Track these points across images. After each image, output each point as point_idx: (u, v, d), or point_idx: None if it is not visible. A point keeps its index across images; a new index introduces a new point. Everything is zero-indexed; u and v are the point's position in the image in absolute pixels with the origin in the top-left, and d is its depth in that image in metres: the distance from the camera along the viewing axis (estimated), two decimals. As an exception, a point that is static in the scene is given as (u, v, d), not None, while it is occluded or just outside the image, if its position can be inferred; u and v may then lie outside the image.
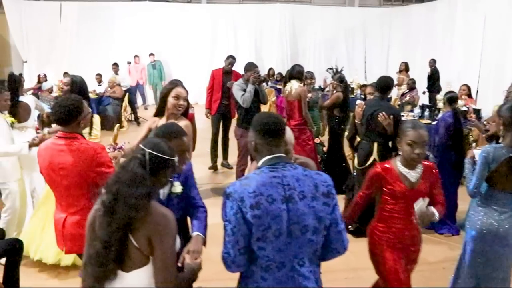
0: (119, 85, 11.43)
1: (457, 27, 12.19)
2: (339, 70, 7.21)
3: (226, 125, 7.74)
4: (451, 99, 5.44)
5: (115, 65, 12.49)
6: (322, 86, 7.21)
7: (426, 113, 8.39)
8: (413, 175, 2.92)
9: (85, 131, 3.81)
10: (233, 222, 1.95)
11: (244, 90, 5.95)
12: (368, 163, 4.82)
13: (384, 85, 4.98)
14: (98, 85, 11.66)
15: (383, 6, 17.13)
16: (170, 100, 3.52)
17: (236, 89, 6.03)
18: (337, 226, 2.06)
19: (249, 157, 6.12)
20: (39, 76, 11.43)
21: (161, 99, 3.61)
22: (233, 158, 7.91)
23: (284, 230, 1.96)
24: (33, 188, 5.23)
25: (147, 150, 2.02)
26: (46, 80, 11.09)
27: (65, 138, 2.89)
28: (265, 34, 15.70)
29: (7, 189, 4.53)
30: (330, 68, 7.01)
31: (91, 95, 11.12)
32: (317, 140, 6.64)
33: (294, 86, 6.10)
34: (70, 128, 2.89)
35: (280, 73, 14.22)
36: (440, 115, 8.06)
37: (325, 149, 6.91)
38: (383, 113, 4.64)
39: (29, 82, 12.21)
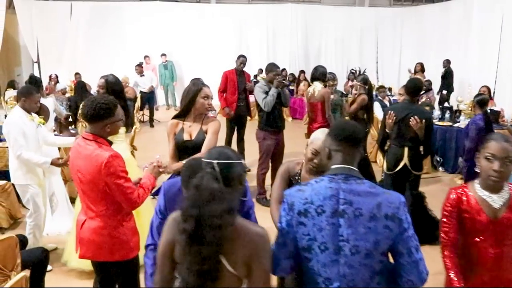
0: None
1: (473, 27, 12.00)
2: (361, 71, 7.04)
3: (242, 126, 7.61)
4: (482, 101, 5.29)
5: (139, 65, 12.16)
6: (344, 92, 7.05)
7: (447, 115, 8.24)
8: (496, 199, 2.33)
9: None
10: (283, 224, 1.94)
11: (266, 93, 5.78)
12: (398, 168, 4.69)
13: (413, 87, 4.81)
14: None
15: (393, 6, 16.95)
16: (200, 100, 3.46)
17: (258, 91, 5.84)
18: (410, 255, 1.87)
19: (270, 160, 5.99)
20: (50, 76, 11.34)
21: (189, 100, 3.49)
22: (248, 160, 7.81)
23: (330, 245, 1.85)
24: (52, 192, 5.12)
25: (214, 161, 1.87)
26: (58, 81, 11.00)
27: (87, 139, 2.78)
28: (276, 35, 15.54)
29: (27, 192, 4.40)
30: (353, 70, 6.84)
31: (103, 96, 11.06)
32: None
33: (317, 87, 5.97)
34: (95, 128, 2.77)
35: (292, 74, 14.10)
36: (461, 118, 7.95)
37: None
38: (416, 117, 4.49)
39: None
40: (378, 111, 7.72)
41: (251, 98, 7.54)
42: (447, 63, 11.96)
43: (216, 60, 14.65)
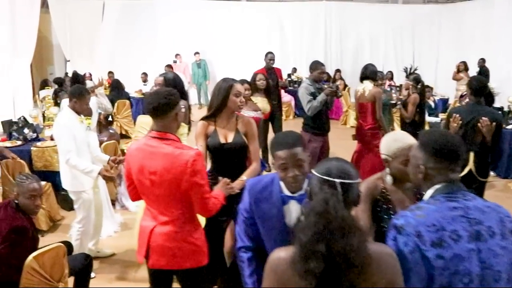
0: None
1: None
2: (413, 70, 6.67)
3: (277, 125, 7.37)
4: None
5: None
6: (395, 101, 6.68)
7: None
8: None
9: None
10: (409, 262, 1.58)
11: (312, 94, 5.42)
12: (463, 173, 4.34)
13: (478, 86, 4.44)
14: (144, 85, 11.42)
15: (428, 3, 16.44)
16: (232, 98, 3.20)
17: (303, 92, 5.47)
18: None
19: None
20: (84, 75, 11.23)
21: (221, 99, 3.22)
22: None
23: (474, 277, 1.56)
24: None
25: (337, 180, 1.59)
26: (91, 80, 10.93)
27: (158, 138, 2.53)
28: (310, 33, 15.19)
29: (80, 198, 4.21)
30: (406, 69, 6.47)
31: (137, 95, 10.95)
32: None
33: (368, 87, 5.64)
34: (163, 123, 2.52)
35: (327, 73, 13.72)
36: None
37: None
38: (485, 118, 4.13)
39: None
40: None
41: (285, 97, 7.39)
42: (482, 62, 11.52)
43: (249, 58, 14.40)
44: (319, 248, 1.37)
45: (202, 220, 2.85)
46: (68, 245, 3.50)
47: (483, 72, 11.32)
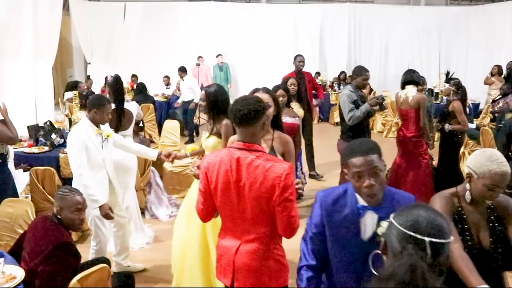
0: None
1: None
2: (451, 74, 6.36)
3: (308, 131, 7.12)
4: None
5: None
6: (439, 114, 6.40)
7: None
8: None
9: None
10: None
11: (354, 102, 5.13)
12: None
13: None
14: (166, 88, 11.24)
15: (450, 5, 16.08)
16: None
17: (345, 100, 5.16)
18: None
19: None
20: (106, 78, 11.05)
21: None
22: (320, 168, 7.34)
23: None
24: (126, 206, 4.72)
25: (426, 238, 1.31)
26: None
27: (246, 150, 2.36)
28: (333, 35, 14.89)
29: (89, 214, 3.82)
30: (447, 73, 6.17)
31: (159, 98, 10.75)
32: (427, 154, 5.86)
33: (411, 92, 5.36)
34: (250, 132, 2.37)
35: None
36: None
37: (434, 163, 6.11)
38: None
39: (97, 84, 11.92)
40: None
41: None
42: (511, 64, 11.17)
43: (271, 61, 14.22)
44: None
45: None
46: (107, 262, 3.28)
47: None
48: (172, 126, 7.44)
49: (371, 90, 12.60)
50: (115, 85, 4.76)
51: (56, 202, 2.92)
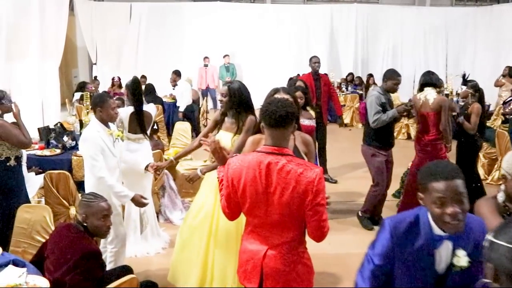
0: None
1: None
2: (467, 76, 6.24)
3: (322, 134, 7.02)
4: None
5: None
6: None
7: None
8: None
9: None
10: None
11: (382, 105, 4.97)
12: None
13: None
14: (173, 89, 11.10)
15: (456, 5, 15.98)
16: None
17: (373, 101, 4.98)
18: None
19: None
20: (113, 79, 11.00)
21: None
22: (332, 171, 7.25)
23: None
24: (143, 211, 4.63)
25: None
26: (120, 84, 10.68)
27: (276, 154, 2.29)
28: (340, 36, 14.80)
29: None
30: (464, 75, 6.05)
31: (167, 99, 10.63)
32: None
33: (431, 95, 5.24)
34: (281, 135, 2.31)
35: (359, 77, 13.37)
36: None
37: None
38: None
39: (104, 85, 11.84)
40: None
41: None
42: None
43: (276, 62, 14.13)
44: None
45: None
46: (131, 271, 3.18)
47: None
48: (183, 128, 7.36)
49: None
50: (134, 87, 4.65)
51: (81, 210, 2.82)
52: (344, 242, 4.96)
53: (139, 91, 4.76)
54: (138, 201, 3.72)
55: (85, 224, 2.77)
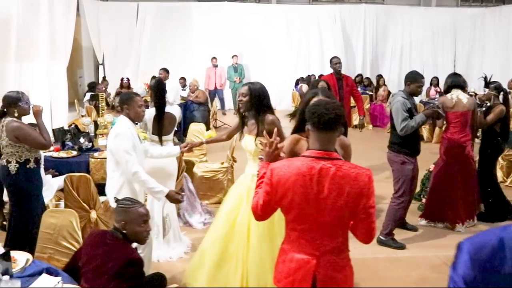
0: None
1: None
2: (489, 78, 6.11)
3: (345, 135, 6.88)
4: None
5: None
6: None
7: None
8: None
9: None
10: None
11: (409, 110, 4.71)
12: None
13: None
14: (182, 89, 11.00)
15: (462, 6, 15.92)
16: None
17: (399, 107, 4.71)
18: None
19: None
20: (122, 79, 10.89)
21: (302, 111, 2.83)
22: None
23: None
24: (166, 214, 4.51)
25: None
26: (129, 85, 10.57)
27: (325, 159, 2.21)
28: (348, 36, 14.71)
29: None
30: (485, 77, 5.91)
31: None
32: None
33: (463, 95, 5.19)
34: (329, 138, 2.25)
35: (368, 78, 13.28)
36: None
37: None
38: None
39: (112, 85, 11.72)
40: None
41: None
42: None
43: (284, 63, 14.04)
44: None
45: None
46: (165, 279, 3.07)
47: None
48: (197, 129, 7.27)
49: (389, 93, 12.40)
50: (158, 88, 4.54)
51: (119, 216, 2.70)
52: (369, 246, 4.83)
53: (162, 92, 4.64)
54: (173, 197, 3.60)
55: (124, 232, 2.65)
